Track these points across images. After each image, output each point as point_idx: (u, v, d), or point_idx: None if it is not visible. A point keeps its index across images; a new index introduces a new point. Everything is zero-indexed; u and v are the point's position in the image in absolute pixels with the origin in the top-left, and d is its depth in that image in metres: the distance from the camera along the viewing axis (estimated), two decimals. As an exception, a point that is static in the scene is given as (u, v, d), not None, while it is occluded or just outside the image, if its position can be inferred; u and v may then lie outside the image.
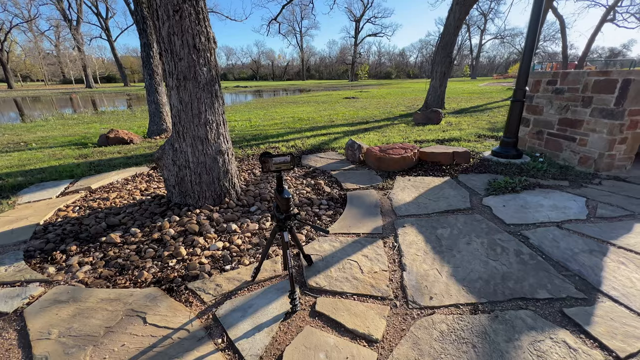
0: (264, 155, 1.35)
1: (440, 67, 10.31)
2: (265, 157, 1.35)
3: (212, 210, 2.65)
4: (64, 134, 8.29)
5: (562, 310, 1.49)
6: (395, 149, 3.78)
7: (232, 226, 2.35)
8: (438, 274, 1.77)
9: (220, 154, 2.71)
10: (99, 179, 3.50)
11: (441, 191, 3.02)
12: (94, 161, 4.35)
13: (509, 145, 4.04)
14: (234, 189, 2.90)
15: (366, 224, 2.38)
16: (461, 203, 2.73)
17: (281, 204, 1.39)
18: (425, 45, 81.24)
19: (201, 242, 2.15)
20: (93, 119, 11.72)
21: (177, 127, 2.60)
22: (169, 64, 2.42)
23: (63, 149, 5.74)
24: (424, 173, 3.56)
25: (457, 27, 10.00)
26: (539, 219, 2.41)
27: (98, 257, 2.04)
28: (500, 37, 63.84)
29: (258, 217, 2.55)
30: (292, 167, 1.41)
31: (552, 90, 4.09)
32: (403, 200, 2.83)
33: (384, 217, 2.52)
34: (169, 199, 2.91)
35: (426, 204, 2.74)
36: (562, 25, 17.17)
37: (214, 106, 2.61)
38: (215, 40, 2.58)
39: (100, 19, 41.53)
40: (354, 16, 60.97)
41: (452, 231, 2.25)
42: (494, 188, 3.02)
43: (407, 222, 2.41)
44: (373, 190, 3.09)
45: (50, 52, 54.23)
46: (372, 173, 3.63)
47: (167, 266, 1.92)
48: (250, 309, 1.52)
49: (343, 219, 2.49)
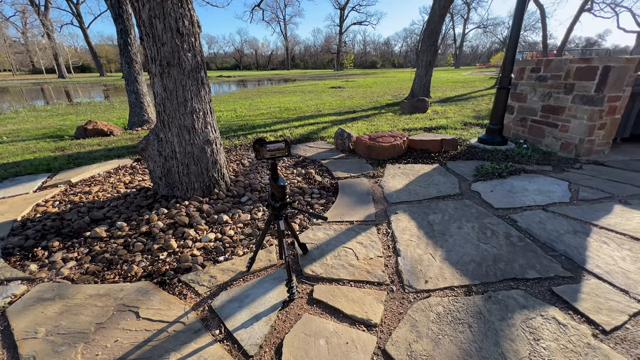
0: (258, 142, 1.31)
1: (426, 55, 10.32)
2: (258, 144, 1.31)
3: (201, 202, 2.59)
4: (37, 126, 7.86)
5: (550, 288, 1.55)
6: (385, 137, 3.79)
7: (223, 217, 2.30)
8: (432, 258, 1.80)
9: (208, 143, 2.63)
10: (79, 172, 3.35)
11: (431, 178, 3.06)
12: (72, 154, 4.14)
13: (494, 133, 4.12)
14: (223, 180, 2.83)
15: (359, 212, 2.39)
16: (451, 189, 2.78)
17: (277, 191, 1.36)
18: (409, 34, 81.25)
19: (192, 234, 2.10)
20: (68, 111, 11.16)
21: (161, 117, 2.50)
22: (150, 50, 2.30)
23: (37, 141, 5.44)
24: (414, 160, 3.59)
25: (442, 15, 10.00)
26: (525, 202, 2.48)
27: (83, 252, 1.96)
28: (483, 26, 64.60)
29: (249, 207, 2.50)
30: (286, 153, 1.38)
31: (536, 78, 4.18)
32: (394, 187, 2.85)
33: (376, 204, 2.53)
34: (155, 192, 2.82)
35: (417, 190, 2.77)
36: (542, 15, 17.49)
37: (200, 94, 2.52)
38: (199, 24, 2.46)
39: (70, 4, 39.09)
40: (338, 4, 59.98)
41: (444, 217, 2.28)
42: (482, 174, 3.08)
43: (400, 208, 2.43)
44: (364, 179, 3.09)
45: (17, 39, 50.82)
46: (362, 161, 3.63)
47: (157, 259, 1.86)
48: (247, 299, 1.50)
49: (336, 207, 2.48)
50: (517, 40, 3.78)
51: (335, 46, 65.63)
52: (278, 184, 1.34)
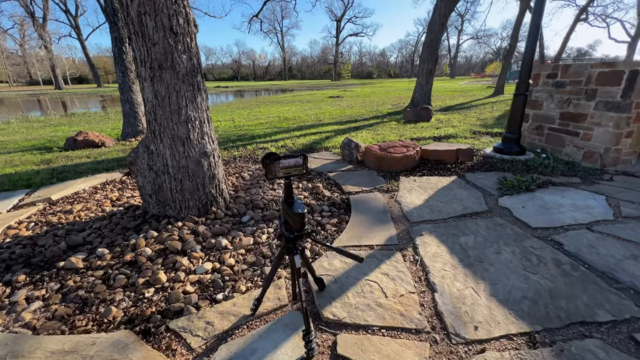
0: (268, 158, 1.02)
1: (427, 64, 10.20)
2: (269, 159, 1.02)
3: (197, 223, 2.27)
4: (26, 137, 7.55)
5: (631, 335, 1.24)
6: (396, 147, 3.51)
7: (222, 241, 1.98)
8: (475, 293, 1.49)
9: (204, 156, 2.33)
10: (61, 188, 3.02)
11: (451, 192, 2.77)
12: (57, 167, 3.82)
13: (511, 142, 3.86)
14: (221, 197, 2.52)
15: (378, 234, 2.08)
16: (477, 205, 2.49)
17: (293, 220, 1.06)
18: (404, 45, 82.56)
19: (185, 263, 1.78)
20: (61, 121, 10.86)
21: (152, 126, 2.20)
22: (140, 50, 2.02)
23: (23, 154, 5.12)
24: (429, 172, 3.31)
25: (442, 24, 9.93)
26: (565, 220, 2.19)
27: (53, 288, 1.63)
28: (477, 37, 65.81)
29: (252, 228, 2.19)
30: (304, 171, 1.08)
31: (553, 84, 3.96)
32: (413, 203, 2.56)
33: (397, 224, 2.23)
34: (145, 210, 2.50)
35: (439, 207, 2.47)
36: (538, 25, 17.58)
37: (196, 100, 2.24)
38: (196, 23, 2.20)
39: (69, 17, 39.27)
40: (335, 16, 60.95)
41: (477, 238, 1.98)
42: (507, 187, 2.80)
43: (424, 229, 2.13)
44: (378, 193, 2.80)
45: (14, 51, 50.83)
46: (372, 174, 3.34)
47: (142, 298, 1.53)
48: (253, 356, 1.18)
49: (350, 228, 2.18)
50: (535, 43, 3.57)
51: (331, 57, 66.39)
52: (295, 211, 1.04)
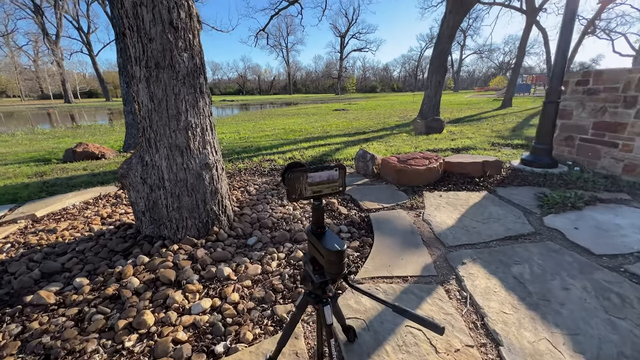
0: (292, 169, 0.71)
1: (435, 76, 10.03)
2: (294, 172, 0.70)
3: (195, 245, 1.95)
4: (28, 149, 7.38)
5: None
6: (417, 159, 3.20)
7: (224, 270, 1.65)
8: (554, 348, 1.14)
9: (206, 168, 2.03)
10: (49, 204, 2.73)
11: (486, 210, 2.43)
12: (49, 180, 3.56)
13: (542, 153, 3.53)
14: (224, 214, 2.21)
15: (411, 261, 1.74)
16: (520, 226, 2.14)
17: (328, 260, 0.73)
18: (407, 60, 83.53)
19: (178, 299, 1.45)
20: (66, 134, 10.78)
21: (147, 134, 1.92)
22: (134, 47, 1.76)
23: (19, 166, 4.89)
24: (455, 187, 2.97)
25: (451, 35, 9.81)
26: (632, 246, 1.83)
27: (12, 333, 1.30)
28: (479, 52, 66.48)
29: (259, 253, 1.86)
30: (340, 189, 0.77)
31: (584, 92, 3.65)
32: (444, 223, 2.22)
33: (430, 248, 1.89)
34: (137, 230, 2.19)
35: (476, 227, 2.13)
36: (545, 38, 17.60)
37: (198, 105, 1.96)
38: (200, 19, 1.96)
39: (81, 34, 40.39)
40: (339, 32, 62.19)
41: (533, 268, 1.63)
42: (550, 205, 2.45)
43: (464, 255, 1.78)
44: (401, 211, 2.47)
45: (27, 67, 52.31)
46: (392, 188, 3.01)
47: (120, 349, 1.20)
48: None
49: (376, 253, 1.84)
50: (567, 48, 3.29)
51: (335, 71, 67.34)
52: (330, 248, 0.71)
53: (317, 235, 0.77)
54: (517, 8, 17.36)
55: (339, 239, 0.75)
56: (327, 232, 0.78)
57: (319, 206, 0.77)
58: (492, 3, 18.56)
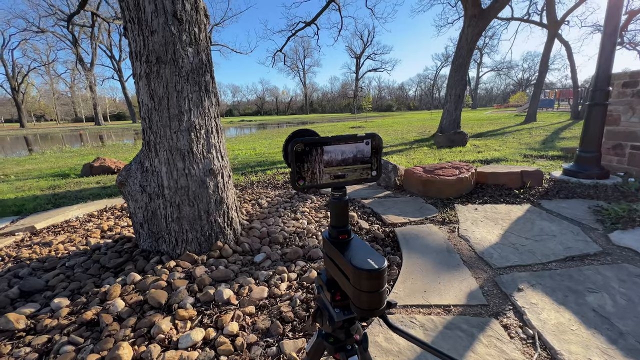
0: (297, 138, 0.44)
1: (455, 89, 9.75)
2: (301, 143, 0.44)
3: (195, 262, 1.71)
4: (52, 166, 7.59)
5: None
6: (445, 169, 2.88)
7: (223, 292, 1.38)
8: (686, 423, 0.77)
9: (210, 174, 1.82)
10: (51, 216, 2.60)
11: (534, 225, 2.06)
12: (59, 193, 3.48)
13: (588, 162, 3.12)
14: (230, 227, 1.97)
15: (451, 286, 1.41)
16: (582, 244, 1.76)
17: (355, 285, 0.45)
18: (423, 79, 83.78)
19: (165, 328, 1.18)
20: (91, 152, 11.17)
21: (147, 136, 1.75)
22: (135, 41, 1.62)
23: (38, 180, 4.93)
24: (492, 199, 2.61)
25: (470, 49, 9.60)
26: None
27: (-35, 366, 1.07)
28: (497, 69, 65.75)
29: (267, 272, 1.58)
30: (374, 174, 0.50)
31: (633, 94, 3.26)
32: (486, 240, 1.87)
33: (473, 270, 1.54)
34: (135, 244, 1.98)
35: (526, 245, 1.77)
36: (568, 51, 17.04)
37: (203, 104, 1.78)
38: (207, 12, 1.81)
39: (113, 61, 43.44)
40: (354, 53, 63.62)
41: (615, 298, 1.26)
42: (613, 219, 2.05)
43: (519, 279, 1.43)
44: (432, 225, 2.14)
45: (64, 93, 56.46)
46: (418, 200, 2.69)
47: (83, 395, 0.93)
48: None
49: (407, 275, 1.52)
50: (614, 39, 2.96)
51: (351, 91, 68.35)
52: (357, 266, 0.44)
53: (339, 244, 0.50)
54: (536, 22, 17.05)
55: (374, 252, 0.47)
56: (353, 239, 0.51)
57: (342, 199, 0.50)
58: (510, 18, 18.35)
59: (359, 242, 0.50)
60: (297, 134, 0.47)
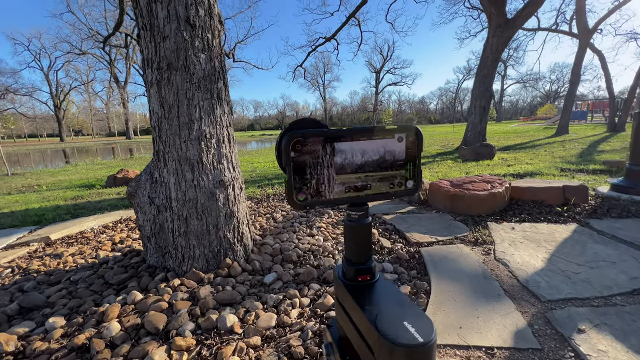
0: (294, 130, 0.30)
1: (480, 101, 9.41)
2: (299, 134, 0.29)
3: (201, 281, 1.58)
4: (81, 177, 7.94)
5: None
6: (475, 183, 2.63)
7: (227, 319, 1.23)
8: None
9: (220, 186, 1.71)
10: (67, 226, 2.59)
11: (585, 248, 1.78)
12: (79, 203, 3.53)
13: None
14: (241, 243, 1.83)
15: (492, 321, 1.18)
16: (651, 273, 1.47)
17: None
18: (444, 92, 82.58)
19: (158, 359, 1.04)
20: (119, 164, 11.65)
21: (156, 145, 1.68)
22: (147, 48, 1.57)
23: (65, 190, 5.10)
24: (530, 217, 2.33)
25: (495, 59, 9.29)
26: None
27: (-57, 394, 0.98)
28: (522, 81, 63.70)
29: (277, 296, 1.42)
30: (412, 186, 0.34)
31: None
32: (528, 265, 1.61)
33: (518, 302, 1.30)
34: (143, 259, 1.89)
35: (579, 274, 1.50)
36: (602, 61, 16.19)
37: (215, 113, 1.69)
38: (221, 19, 1.76)
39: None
40: (374, 68, 64.03)
41: None
42: (685, 244, 1.73)
43: (577, 317, 1.18)
44: (463, 246, 1.90)
45: (100, 109, 60.54)
46: (445, 217, 2.46)
47: None
48: None
49: (438, 306, 1.30)
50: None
51: (371, 105, 68.43)
52: (390, 338, 0.27)
53: (356, 290, 0.34)
54: (566, 32, 16.38)
55: (412, 306, 0.30)
56: (378, 283, 0.35)
57: (362, 222, 0.34)
58: (537, 29, 17.78)
59: (389, 288, 0.33)
60: (296, 124, 0.32)
